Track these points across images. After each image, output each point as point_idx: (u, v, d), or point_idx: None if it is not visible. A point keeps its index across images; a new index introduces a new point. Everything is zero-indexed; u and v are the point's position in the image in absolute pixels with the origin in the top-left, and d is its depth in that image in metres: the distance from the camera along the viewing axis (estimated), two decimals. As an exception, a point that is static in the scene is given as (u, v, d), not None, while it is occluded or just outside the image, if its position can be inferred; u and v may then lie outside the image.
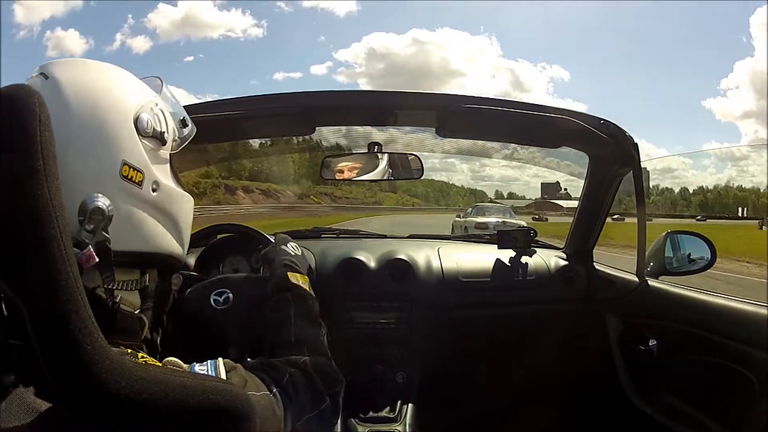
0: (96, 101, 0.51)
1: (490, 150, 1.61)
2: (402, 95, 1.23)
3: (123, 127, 0.52)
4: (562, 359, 1.51)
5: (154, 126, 0.55)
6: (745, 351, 0.98)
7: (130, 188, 0.52)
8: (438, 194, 59.50)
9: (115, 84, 0.54)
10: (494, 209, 12.98)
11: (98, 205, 0.47)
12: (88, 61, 0.55)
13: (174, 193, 0.58)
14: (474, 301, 1.46)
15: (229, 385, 0.47)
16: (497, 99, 1.18)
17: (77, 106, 0.50)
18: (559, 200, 54.52)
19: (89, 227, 0.47)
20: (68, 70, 0.52)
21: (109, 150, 0.50)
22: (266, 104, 1.20)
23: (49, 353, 0.39)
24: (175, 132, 0.61)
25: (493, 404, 1.52)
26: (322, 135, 1.40)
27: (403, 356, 1.42)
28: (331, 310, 1.38)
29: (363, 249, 1.48)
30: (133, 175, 0.52)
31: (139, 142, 0.53)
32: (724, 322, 1.04)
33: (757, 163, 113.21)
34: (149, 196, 0.54)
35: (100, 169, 0.50)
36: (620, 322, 1.38)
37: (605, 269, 1.49)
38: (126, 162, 0.51)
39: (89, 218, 0.47)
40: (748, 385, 0.97)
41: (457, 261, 1.50)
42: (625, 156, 1.26)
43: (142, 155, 0.53)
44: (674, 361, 1.19)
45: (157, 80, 0.63)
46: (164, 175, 0.57)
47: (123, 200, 0.51)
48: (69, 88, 0.50)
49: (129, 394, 0.39)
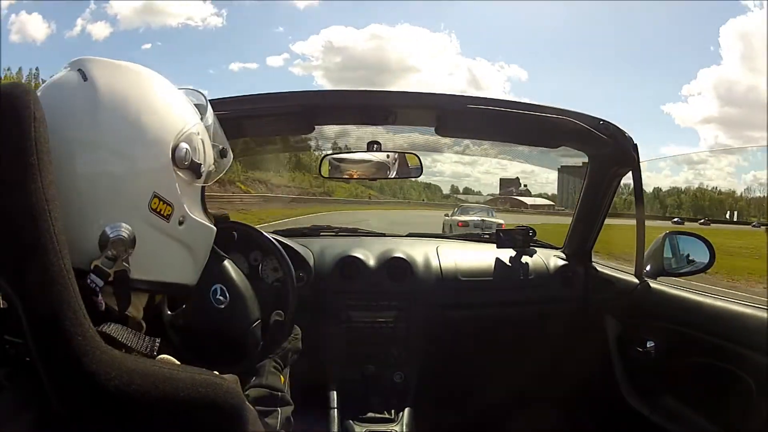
0: (136, 122, 0.48)
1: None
2: (402, 95, 1.23)
3: (159, 154, 0.49)
4: (560, 359, 1.51)
5: (192, 157, 0.52)
6: (742, 353, 0.98)
7: (157, 221, 0.50)
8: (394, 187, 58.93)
9: (159, 104, 0.51)
10: (477, 209, 13.91)
11: (122, 236, 0.46)
12: (131, 67, 0.52)
13: (199, 226, 0.56)
14: (472, 301, 1.46)
15: (220, 379, 0.47)
16: (497, 99, 1.18)
17: (112, 117, 0.47)
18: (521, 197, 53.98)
19: (110, 254, 0.46)
20: (111, 74, 0.49)
21: (142, 180, 0.48)
22: (266, 103, 1.20)
23: (40, 345, 0.39)
24: (212, 163, 0.57)
25: (490, 404, 1.52)
26: (322, 133, 1.40)
27: (400, 356, 1.42)
28: (328, 308, 1.38)
29: (361, 247, 1.48)
30: (162, 209, 0.49)
31: (173, 173, 0.50)
32: (722, 324, 1.05)
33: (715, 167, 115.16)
34: (175, 230, 0.52)
35: (128, 196, 0.48)
36: (618, 322, 1.38)
37: (604, 269, 1.49)
38: (157, 194, 0.49)
39: (111, 247, 0.46)
40: (745, 387, 0.97)
41: (456, 260, 1.50)
42: (625, 156, 1.26)
43: (174, 188, 0.51)
44: (672, 363, 1.19)
45: (201, 97, 0.59)
46: (193, 207, 0.54)
47: (147, 231, 0.49)
48: (108, 97, 0.47)
49: (119, 386, 0.40)
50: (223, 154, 0.60)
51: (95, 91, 0.47)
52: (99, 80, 0.48)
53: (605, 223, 1.48)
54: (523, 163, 1.60)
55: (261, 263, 1.23)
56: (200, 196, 0.57)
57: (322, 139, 1.47)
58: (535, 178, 64.29)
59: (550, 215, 32.06)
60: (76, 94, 0.48)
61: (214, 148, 0.58)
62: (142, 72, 0.52)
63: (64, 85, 0.49)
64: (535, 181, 61.92)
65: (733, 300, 1.09)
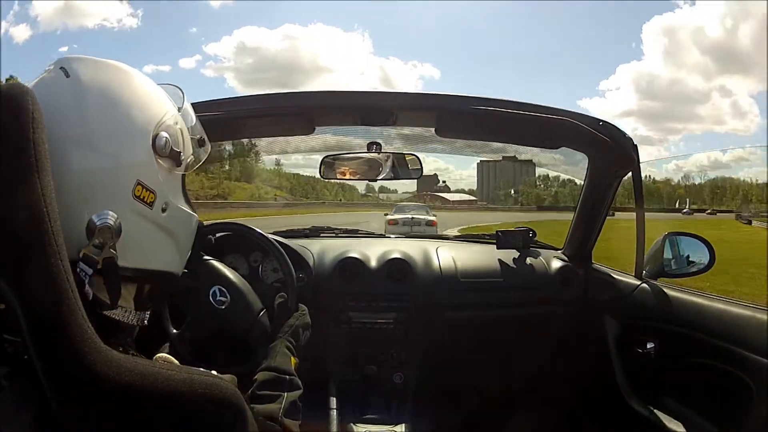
0: (119, 115, 0.50)
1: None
2: (402, 96, 1.23)
3: (141, 144, 0.51)
4: (560, 360, 1.51)
5: (172, 146, 0.54)
6: (742, 354, 0.98)
7: (141, 208, 0.51)
8: (307, 187, 57.14)
9: (139, 96, 0.53)
10: (413, 207, 13.93)
11: (108, 224, 0.47)
12: (111, 63, 0.54)
13: (181, 213, 0.58)
14: (472, 302, 1.46)
15: (218, 379, 0.47)
16: (498, 100, 1.18)
17: (97, 113, 0.49)
18: (441, 193, 52.81)
19: (97, 242, 0.47)
20: (92, 70, 0.51)
21: (125, 168, 0.50)
22: (266, 104, 1.20)
23: (39, 344, 0.39)
24: (191, 152, 0.59)
25: (490, 405, 1.52)
26: (322, 133, 1.40)
27: (400, 356, 1.42)
28: (328, 309, 1.38)
29: (361, 248, 1.48)
30: (145, 196, 0.51)
31: (155, 161, 0.52)
32: (723, 325, 1.04)
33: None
34: (158, 216, 0.53)
35: (113, 186, 0.49)
36: (618, 323, 1.38)
37: (604, 270, 1.49)
38: (140, 182, 0.50)
39: (98, 234, 0.47)
40: (745, 388, 0.96)
41: (456, 261, 1.50)
42: (624, 157, 1.26)
43: (156, 175, 0.52)
44: (672, 364, 1.19)
45: (179, 91, 0.61)
46: (175, 194, 0.56)
47: (132, 219, 0.50)
48: (92, 93, 0.49)
49: (116, 385, 0.40)
50: (201, 143, 0.62)
51: (79, 87, 0.49)
52: (82, 77, 0.50)
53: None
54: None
55: (261, 264, 1.23)
56: (181, 184, 0.59)
57: (323, 139, 1.47)
58: (450, 174, 63.70)
59: (476, 211, 31.31)
60: (62, 91, 0.49)
61: (193, 139, 0.60)
62: (121, 67, 0.54)
63: (49, 84, 0.50)
64: (449, 178, 61.02)
65: (734, 301, 1.08)
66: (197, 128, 0.62)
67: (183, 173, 0.58)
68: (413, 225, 10.54)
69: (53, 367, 0.39)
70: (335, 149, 1.42)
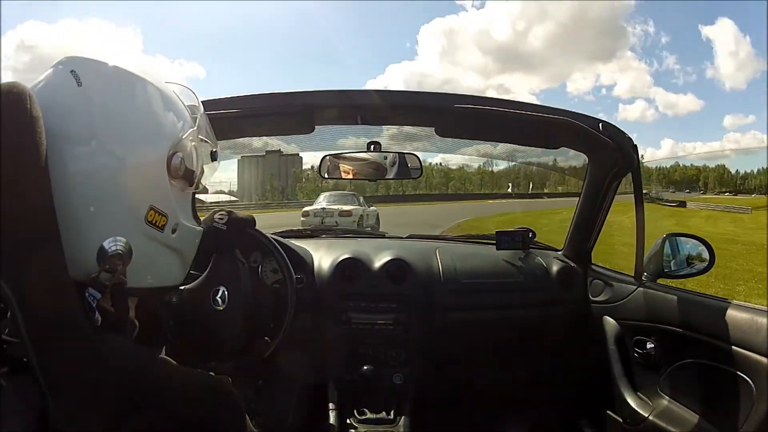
0: (133, 135, 0.48)
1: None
2: (402, 94, 1.23)
3: (156, 169, 0.49)
4: (560, 361, 1.51)
5: (186, 165, 0.52)
6: (742, 355, 0.98)
7: (153, 233, 0.50)
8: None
9: (154, 112, 0.50)
10: (336, 196, 11.94)
11: (120, 252, 0.46)
12: (124, 71, 0.51)
13: (190, 232, 0.56)
14: (472, 303, 1.46)
15: (216, 379, 0.48)
16: (498, 99, 1.18)
17: (111, 136, 0.46)
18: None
19: (108, 267, 0.46)
20: (106, 83, 0.49)
21: (138, 194, 0.48)
22: (265, 103, 1.20)
23: (38, 345, 0.39)
24: (203, 169, 0.58)
25: (490, 405, 1.52)
26: (322, 133, 1.39)
27: (400, 357, 1.41)
28: (328, 310, 1.38)
29: (361, 249, 1.48)
30: (157, 220, 0.50)
31: (168, 184, 0.51)
32: (722, 325, 1.04)
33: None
34: (168, 238, 0.52)
35: (126, 212, 0.47)
36: (618, 324, 1.38)
37: (603, 271, 1.49)
38: (153, 207, 0.49)
39: (109, 261, 0.46)
40: (745, 389, 0.96)
41: (456, 262, 1.49)
42: (624, 157, 1.26)
43: (169, 198, 0.51)
44: (671, 365, 1.19)
45: (193, 96, 0.58)
46: (185, 214, 0.55)
47: (143, 243, 0.49)
48: (104, 110, 0.47)
49: (115, 384, 0.40)
50: (214, 157, 0.61)
51: (91, 104, 0.47)
52: (94, 90, 0.47)
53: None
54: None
55: (261, 264, 1.23)
56: (191, 202, 0.58)
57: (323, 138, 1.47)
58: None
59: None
60: (73, 102, 0.47)
61: (204, 151, 0.59)
62: (134, 77, 0.51)
63: (57, 89, 0.48)
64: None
65: (734, 301, 1.08)
66: (210, 139, 0.60)
67: (193, 192, 0.57)
68: (325, 217, 9.73)
69: (52, 368, 0.39)
70: (335, 149, 1.42)
